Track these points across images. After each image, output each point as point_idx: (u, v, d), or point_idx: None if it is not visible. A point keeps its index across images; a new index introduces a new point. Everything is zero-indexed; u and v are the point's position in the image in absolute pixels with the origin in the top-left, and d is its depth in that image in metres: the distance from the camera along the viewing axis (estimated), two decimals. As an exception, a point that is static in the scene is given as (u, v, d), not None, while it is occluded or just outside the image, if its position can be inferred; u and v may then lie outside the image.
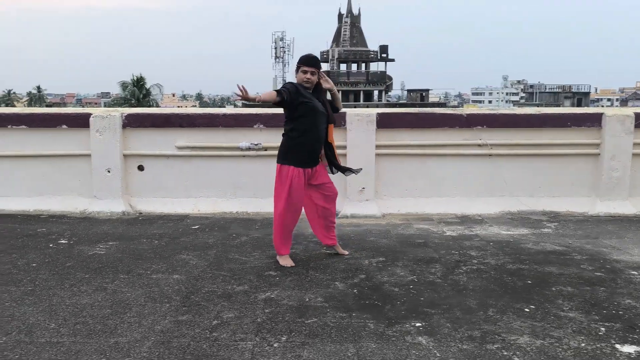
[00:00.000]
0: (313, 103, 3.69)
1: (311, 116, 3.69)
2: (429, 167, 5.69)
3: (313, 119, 3.70)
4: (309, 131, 3.70)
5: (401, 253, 4.19)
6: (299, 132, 3.71)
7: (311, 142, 3.74)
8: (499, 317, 2.97)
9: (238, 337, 2.72)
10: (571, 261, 3.99)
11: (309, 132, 3.70)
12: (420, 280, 3.57)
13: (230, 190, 5.71)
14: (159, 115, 5.74)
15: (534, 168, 5.70)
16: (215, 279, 3.59)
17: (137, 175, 5.72)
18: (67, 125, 5.65)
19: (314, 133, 3.72)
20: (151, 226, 5.06)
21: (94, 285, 3.45)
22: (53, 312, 3.02)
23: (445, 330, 2.81)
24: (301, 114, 3.68)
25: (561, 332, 2.78)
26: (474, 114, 5.67)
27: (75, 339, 2.70)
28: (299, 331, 2.79)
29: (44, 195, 5.73)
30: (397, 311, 3.06)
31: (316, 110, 3.70)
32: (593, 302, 3.19)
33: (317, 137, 3.75)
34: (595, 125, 5.59)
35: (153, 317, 2.96)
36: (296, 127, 3.71)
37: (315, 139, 3.75)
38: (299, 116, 3.68)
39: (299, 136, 3.71)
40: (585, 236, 4.73)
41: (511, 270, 3.78)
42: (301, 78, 3.71)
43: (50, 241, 4.52)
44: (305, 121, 3.69)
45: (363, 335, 2.75)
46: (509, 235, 4.73)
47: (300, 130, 3.71)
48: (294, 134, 3.73)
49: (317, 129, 3.72)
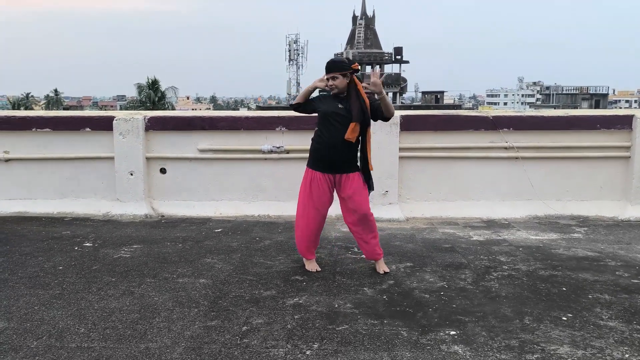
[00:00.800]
0: (324, 109, 3.62)
1: (324, 122, 3.63)
2: (453, 170, 5.60)
3: (326, 125, 3.62)
4: (323, 136, 3.64)
5: (428, 258, 4.11)
6: (316, 137, 3.72)
7: (325, 148, 3.63)
8: (536, 326, 2.88)
9: (269, 343, 2.67)
10: (605, 267, 3.88)
11: (323, 138, 3.64)
12: (451, 287, 3.49)
13: (252, 193, 5.67)
14: (182, 119, 5.73)
15: (562, 171, 5.58)
16: (241, 283, 3.55)
17: (160, 178, 5.71)
18: (91, 128, 5.66)
19: (327, 139, 3.61)
20: (174, 229, 5.04)
21: (121, 289, 3.43)
22: (82, 316, 3.00)
23: (481, 339, 2.73)
24: (318, 120, 3.70)
25: (603, 342, 2.68)
26: (500, 116, 5.57)
27: (105, 344, 2.67)
28: (331, 338, 2.73)
29: (67, 197, 5.75)
30: (430, 318, 2.99)
31: (327, 115, 3.60)
32: (633, 311, 3.08)
33: (331, 143, 3.60)
34: (625, 127, 5.46)
35: (182, 322, 2.92)
36: (316, 132, 3.74)
37: (330, 144, 3.61)
38: (317, 122, 3.72)
39: (316, 142, 3.71)
40: (617, 241, 4.60)
41: (544, 276, 3.69)
42: (327, 86, 3.65)
43: (75, 244, 4.52)
44: (320, 127, 3.68)
45: (397, 344, 2.68)
46: (538, 240, 4.63)
47: (317, 134, 3.71)
48: (313, 138, 3.75)
49: (330, 134, 3.60)
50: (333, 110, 3.60)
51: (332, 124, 3.59)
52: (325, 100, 3.69)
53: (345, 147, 3.60)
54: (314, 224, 3.79)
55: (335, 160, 3.65)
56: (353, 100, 3.58)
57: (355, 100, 3.59)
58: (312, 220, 3.77)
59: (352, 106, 3.58)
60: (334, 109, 3.60)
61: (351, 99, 3.59)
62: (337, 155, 3.63)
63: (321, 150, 3.66)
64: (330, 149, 3.62)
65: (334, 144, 3.60)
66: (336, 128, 3.58)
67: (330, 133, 3.60)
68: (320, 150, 3.66)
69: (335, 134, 3.58)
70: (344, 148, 3.60)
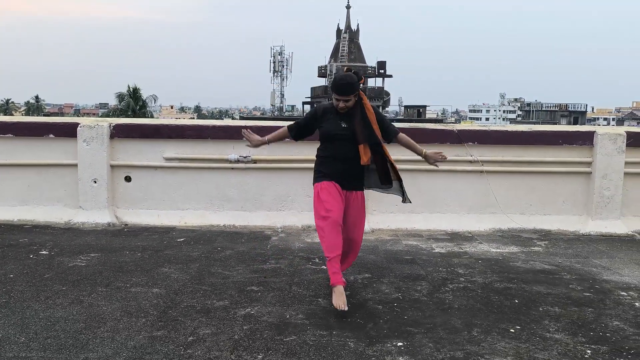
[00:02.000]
0: (326, 129, 3.44)
1: (328, 141, 3.46)
2: (419, 183, 5.63)
3: (331, 143, 3.44)
4: (328, 151, 3.46)
5: (388, 269, 4.11)
6: (320, 152, 3.54)
7: (331, 162, 3.44)
8: (483, 338, 2.89)
9: (213, 354, 2.64)
10: (560, 281, 3.92)
11: (329, 153, 3.45)
12: (405, 298, 3.49)
13: (217, 202, 5.64)
14: (148, 126, 5.69)
15: (526, 185, 5.66)
16: (195, 293, 3.50)
17: (124, 186, 5.65)
18: (54, 135, 5.59)
19: (333, 153, 3.43)
20: (136, 238, 4.97)
21: (70, 298, 3.36)
22: (25, 325, 2.93)
23: (427, 350, 2.73)
24: (320, 138, 3.53)
25: (546, 355, 2.70)
26: (466, 129, 5.64)
27: (44, 353, 2.61)
28: (277, 349, 2.71)
29: (29, 204, 5.65)
30: (379, 330, 2.98)
31: (330, 137, 3.43)
32: (580, 324, 3.11)
33: (338, 158, 3.42)
34: (587, 143, 5.56)
35: (127, 332, 2.87)
36: (320, 149, 3.55)
37: (336, 159, 3.42)
38: (320, 140, 3.54)
39: (321, 157, 3.52)
40: (576, 255, 4.66)
41: (498, 289, 3.71)
42: (336, 105, 3.43)
43: (31, 252, 4.43)
44: (325, 144, 3.50)
45: (342, 355, 2.66)
46: (498, 253, 4.67)
47: (321, 150, 3.53)
48: (318, 155, 3.56)
49: (336, 150, 3.42)
50: (336, 132, 3.40)
51: (336, 143, 3.42)
52: (327, 116, 3.46)
53: (355, 161, 3.41)
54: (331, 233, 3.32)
55: (343, 174, 3.43)
56: (358, 121, 3.38)
57: (360, 121, 3.38)
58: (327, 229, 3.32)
59: (357, 126, 3.37)
60: (336, 130, 3.40)
61: (356, 117, 3.39)
62: (346, 169, 3.42)
63: (328, 165, 3.45)
64: (337, 163, 3.42)
65: (341, 158, 3.42)
66: (342, 145, 3.40)
67: (336, 149, 3.42)
68: (326, 164, 3.46)
69: (342, 150, 3.41)
70: (352, 162, 3.41)
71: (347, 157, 3.41)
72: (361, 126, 3.38)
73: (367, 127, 3.40)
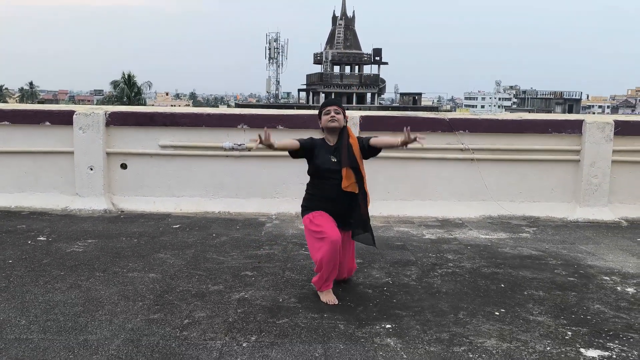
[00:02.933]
0: (318, 163, 3.36)
1: (318, 176, 3.39)
2: (411, 171, 5.73)
3: (321, 180, 3.38)
4: (319, 190, 3.40)
5: (379, 255, 4.22)
6: (310, 189, 3.47)
7: (322, 201, 3.36)
8: (468, 320, 3.00)
9: (208, 336, 2.74)
10: (545, 266, 4.04)
11: (319, 192, 3.39)
12: (395, 283, 3.60)
13: (212, 190, 5.72)
14: (143, 114, 5.73)
15: (516, 173, 5.76)
16: (190, 278, 3.60)
17: (120, 174, 5.71)
18: (51, 122, 5.63)
19: (323, 193, 3.37)
20: (132, 225, 5.05)
21: (69, 283, 3.45)
22: (25, 309, 3.02)
23: (414, 332, 2.84)
24: (311, 172, 3.45)
25: (528, 336, 2.81)
26: (457, 118, 5.72)
27: (44, 335, 2.70)
28: (269, 331, 2.81)
29: (26, 191, 5.71)
30: (369, 313, 3.08)
31: (321, 172, 3.36)
32: (563, 307, 3.23)
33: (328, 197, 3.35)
34: (575, 131, 5.66)
35: (125, 316, 2.96)
36: (310, 184, 3.48)
37: (327, 198, 3.35)
38: (310, 174, 3.46)
39: (311, 194, 3.45)
40: (562, 241, 4.78)
41: (486, 274, 3.82)
42: (325, 120, 3.38)
43: (29, 238, 4.50)
44: (315, 180, 3.43)
45: (332, 336, 2.77)
46: (487, 240, 4.78)
47: (311, 186, 3.47)
48: (308, 190, 3.49)
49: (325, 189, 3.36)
50: (327, 167, 3.34)
51: (328, 179, 3.35)
52: (319, 149, 3.40)
53: (345, 198, 3.35)
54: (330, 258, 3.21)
55: (335, 213, 3.36)
56: (343, 151, 3.35)
57: (345, 151, 3.35)
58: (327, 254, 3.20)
59: (342, 154, 3.35)
60: (328, 165, 3.34)
61: (342, 149, 3.36)
62: (337, 208, 3.36)
63: (319, 204, 3.37)
64: (328, 203, 3.36)
65: (331, 198, 3.35)
66: (332, 183, 3.33)
67: (325, 189, 3.36)
68: (318, 203, 3.37)
69: (331, 189, 3.33)
70: (344, 199, 3.35)
71: (338, 199, 3.34)
72: (345, 152, 3.34)
73: (350, 151, 3.36)
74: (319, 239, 3.22)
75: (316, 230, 3.25)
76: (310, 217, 3.33)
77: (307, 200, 3.44)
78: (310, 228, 3.31)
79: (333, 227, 3.25)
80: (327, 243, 3.16)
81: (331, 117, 3.36)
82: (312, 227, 3.28)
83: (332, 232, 3.19)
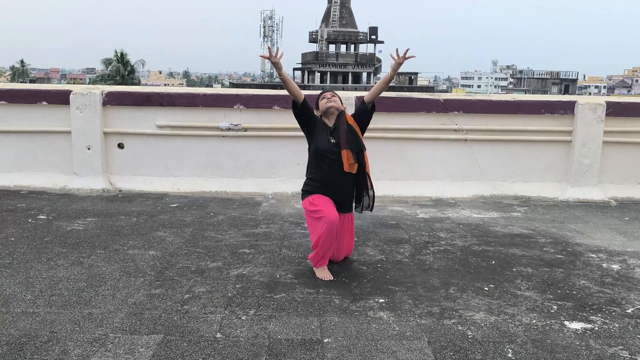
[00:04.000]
0: (317, 144, 3.42)
1: (317, 159, 3.44)
2: (406, 151, 5.81)
3: (320, 163, 3.43)
4: (319, 174, 3.45)
5: (373, 234, 4.32)
6: (310, 173, 3.52)
7: (322, 187, 3.43)
8: (458, 295, 3.12)
9: (208, 310, 2.84)
10: (535, 244, 4.16)
11: (319, 176, 3.45)
12: (388, 260, 3.71)
13: (209, 169, 5.78)
14: (140, 94, 5.76)
15: (508, 154, 5.85)
16: (189, 255, 3.69)
17: (118, 153, 5.76)
18: (48, 102, 5.66)
19: (323, 177, 3.44)
20: (130, 204, 5.13)
21: (71, 260, 3.54)
22: (29, 284, 3.11)
23: (407, 306, 2.96)
24: (310, 153, 3.50)
25: (515, 310, 2.94)
26: (451, 99, 5.78)
27: (50, 309, 2.80)
28: (267, 305, 2.92)
29: (24, 171, 5.76)
30: (363, 288, 3.20)
31: (320, 153, 3.40)
32: (550, 283, 3.35)
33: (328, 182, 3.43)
34: (568, 112, 5.74)
35: (127, 291, 3.06)
36: (310, 168, 3.53)
37: (327, 184, 3.43)
38: (309, 155, 3.51)
39: (311, 179, 3.50)
40: (552, 220, 4.90)
41: (477, 251, 3.94)
42: (322, 104, 3.48)
43: (29, 216, 4.58)
44: (314, 163, 3.47)
45: (328, 310, 2.88)
46: (479, 219, 4.89)
47: (311, 171, 3.52)
48: (308, 175, 3.55)
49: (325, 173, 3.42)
50: (326, 148, 3.39)
51: (326, 162, 3.41)
52: (318, 127, 3.47)
53: (345, 182, 3.45)
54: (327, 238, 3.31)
55: (334, 197, 3.44)
56: (342, 131, 3.42)
57: (344, 130, 3.42)
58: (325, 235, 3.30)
59: (341, 135, 3.41)
60: (327, 147, 3.39)
61: (340, 130, 3.42)
62: (337, 193, 3.45)
63: (317, 187, 3.45)
64: (327, 188, 3.43)
65: (331, 182, 3.43)
66: (331, 167, 3.40)
67: (325, 172, 3.43)
68: (316, 187, 3.45)
69: (331, 174, 3.41)
70: (343, 184, 3.45)
71: (338, 183, 3.42)
72: (344, 132, 3.41)
73: (354, 135, 3.44)
74: (317, 219, 3.33)
75: (314, 210, 3.36)
76: (310, 199, 3.44)
77: (307, 185, 3.53)
78: (309, 209, 3.42)
79: (331, 207, 3.35)
80: (325, 222, 3.26)
81: (327, 100, 3.50)
82: (311, 208, 3.40)
83: (330, 212, 3.30)
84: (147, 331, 2.59)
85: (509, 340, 2.59)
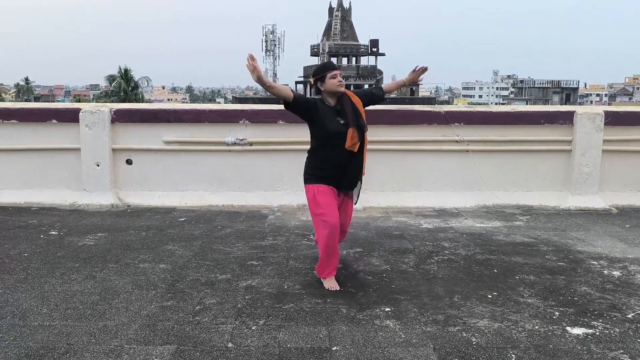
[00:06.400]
0: (327, 127, 3.38)
1: (327, 141, 3.41)
2: (408, 162, 5.91)
3: (329, 145, 3.40)
4: (325, 155, 3.44)
5: (378, 244, 4.41)
6: (315, 154, 3.50)
7: (329, 167, 3.43)
8: (462, 303, 3.20)
9: (219, 320, 2.93)
10: (537, 252, 4.23)
11: (326, 156, 3.44)
12: (394, 269, 3.79)
13: (216, 184, 5.89)
14: (147, 111, 5.89)
15: (509, 163, 5.94)
16: (199, 268, 3.78)
17: (126, 169, 5.88)
18: (57, 120, 5.79)
19: (331, 158, 3.42)
20: (139, 218, 5.23)
21: (84, 274, 3.63)
22: (45, 299, 3.20)
23: (412, 314, 3.03)
24: (316, 135, 3.46)
25: (518, 316, 3.01)
26: (452, 111, 5.89)
27: (66, 322, 2.89)
28: (276, 315, 3.00)
29: (34, 188, 5.88)
30: (369, 297, 3.28)
31: (331, 136, 3.38)
32: (552, 290, 3.43)
33: (335, 163, 3.42)
34: (567, 122, 5.84)
35: (140, 303, 3.15)
36: (314, 149, 3.50)
37: (334, 165, 3.42)
38: (315, 137, 3.47)
39: (317, 160, 3.49)
40: (554, 229, 4.98)
41: (480, 260, 4.02)
42: (333, 84, 3.41)
43: (41, 232, 4.68)
44: (321, 144, 3.45)
45: (335, 319, 2.96)
46: (482, 228, 4.97)
47: (316, 151, 3.49)
48: (311, 157, 3.53)
49: (334, 153, 3.40)
50: (337, 130, 3.37)
51: (336, 141, 3.38)
52: (322, 111, 3.41)
53: (350, 163, 3.43)
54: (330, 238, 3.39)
55: (340, 178, 3.46)
56: (348, 110, 3.41)
57: (350, 110, 3.42)
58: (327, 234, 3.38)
59: (347, 114, 3.40)
60: (337, 129, 3.37)
61: (345, 107, 3.42)
62: (343, 173, 3.45)
63: (324, 169, 3.44)
64: (334, 168, 3.43)
65: (338, 163, 3.42)
66: (340, 150, 3.38)
67: (334, 152, 3.40)
68: (323, 169, 3.45)
69: (340, 155, 3.40)
70: (348, 164, 3.43)
71: (344, 162, 3.42)
72: (350, 111, 3.43)
73: (358, 115, 3.46)
74: (320, 220, 3.39)
75: (318, 213, 3.40)
76: (315, 190, 3.42)
77: (311, 168, 3.49)
78: (312, 204, 3.44)
79: (333, 209, 3.39)
80: (326, 227, 3.34)
81: (339, 82, 3.42)
82: (316, 210, 3.41)
83: (331, 216, 3.35)
84: (161, 342, 2.68)
85: (513, 346, 2.66)
